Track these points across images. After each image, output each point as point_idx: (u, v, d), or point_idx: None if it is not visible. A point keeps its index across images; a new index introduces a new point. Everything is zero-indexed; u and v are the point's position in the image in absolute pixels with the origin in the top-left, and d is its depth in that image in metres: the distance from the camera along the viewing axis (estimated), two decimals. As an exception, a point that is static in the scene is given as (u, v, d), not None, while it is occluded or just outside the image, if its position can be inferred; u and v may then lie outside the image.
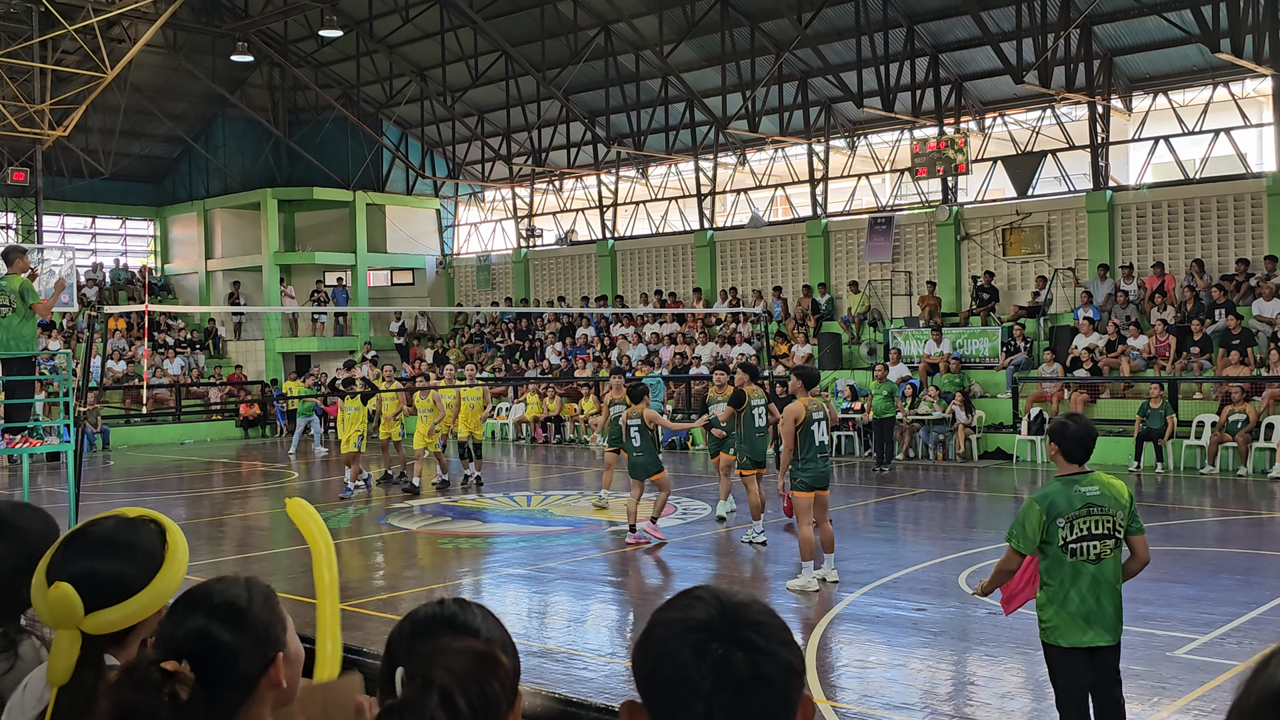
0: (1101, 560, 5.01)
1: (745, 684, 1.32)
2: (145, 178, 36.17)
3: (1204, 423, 18.24)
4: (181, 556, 1.99)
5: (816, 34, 24.04)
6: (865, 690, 7.17)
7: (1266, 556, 11.29)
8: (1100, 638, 5.00)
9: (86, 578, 1.88)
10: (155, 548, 1.97)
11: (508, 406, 27.21)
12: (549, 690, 2.22)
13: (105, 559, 1.92)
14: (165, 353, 30.52)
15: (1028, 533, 5.05)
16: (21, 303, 11.20)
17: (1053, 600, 5.03)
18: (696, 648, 1.34)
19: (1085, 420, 5.27)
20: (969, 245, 24.66)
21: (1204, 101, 22.18)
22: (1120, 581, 5.07)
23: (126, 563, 1.93)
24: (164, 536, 1.99)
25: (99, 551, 1.94)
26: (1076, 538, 4.99)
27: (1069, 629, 5.00)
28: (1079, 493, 5.01)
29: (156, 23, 27.19)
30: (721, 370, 14.20)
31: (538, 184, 33.41)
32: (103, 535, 1.97)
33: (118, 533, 1.97)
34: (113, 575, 1.91)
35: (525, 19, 27.84)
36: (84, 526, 2.01)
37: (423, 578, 11.17)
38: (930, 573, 10.65)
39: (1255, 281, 20.18)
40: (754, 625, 1.36)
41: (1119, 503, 5.04)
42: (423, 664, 1.51)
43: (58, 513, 12.66)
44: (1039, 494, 5.11)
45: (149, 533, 1.99)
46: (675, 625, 1.37)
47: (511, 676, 1.57)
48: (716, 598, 1.39)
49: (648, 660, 1.37)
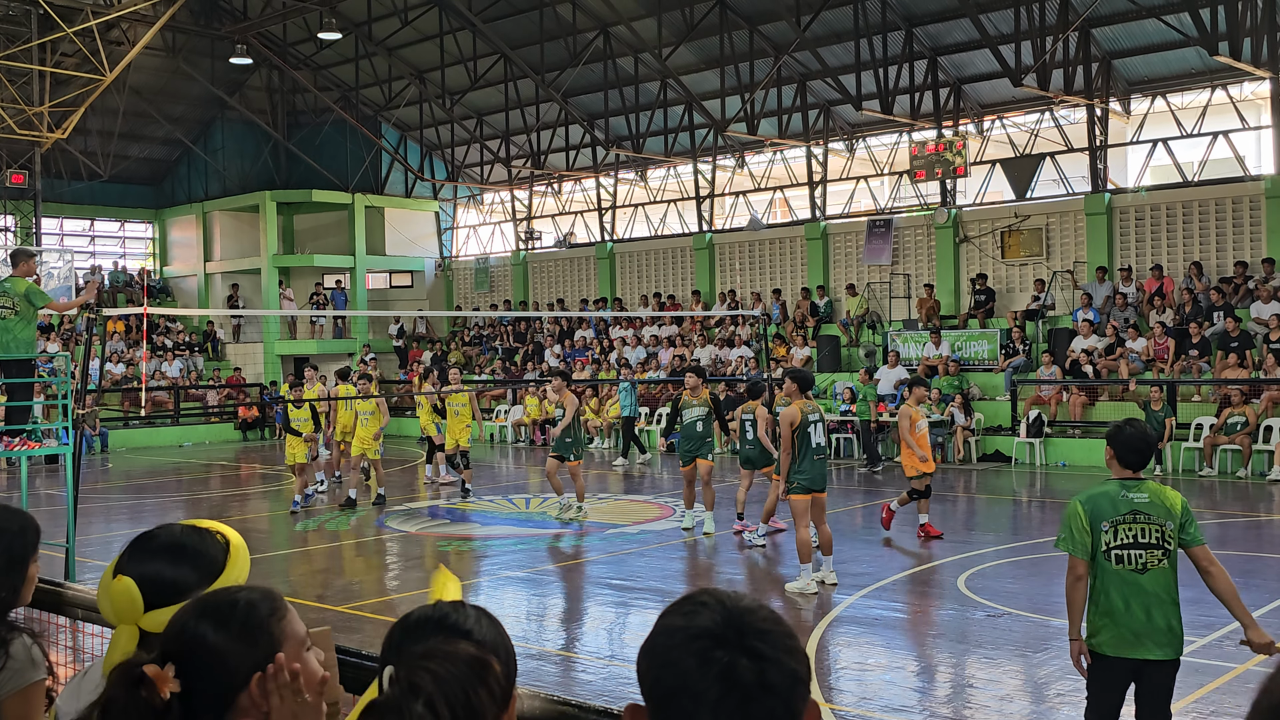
0: (1148, 571, 4.78)
1: (751, 692, 1.30)
2: (144, 180, 36.16)
3: (1202, 425, 18.24)
4: (242, 566, 2.08)
5: (815, 37, 24.05)
6: (864, 693, 7.17)
7: (1265, 559, 11.29)
8: (1149, 652, 4.76)
9: (150, 577, 1.98)
10: (218, 555, 2.06)
11: (506, 409, 27.21)
12: (547, 693, 2.22)
13: (170, 562, 2.02)
14: (164, 355, 30.50)
15: (1075, 535, 4.82)
16: (26, 305, 11.21)
17: (1098, 607, 4.83)
18: (701, 656, 1.32)
19: (1143, 426, 5.06)
20: (968, 248, 24.67)
21: (1202, 104, 22.20)
22: (1175, 595, 4.81)
23: (190, 567, 2.02)
24: (228, 547, 2.09)
25: (165, 554, 2.03)
26: (1120, 544, 4.78)
27: (1112, 638, 4.80)
28: (1126, 498, 4.82)
29: (155, 25, 27.20)
30: (694, 374, 13.34)
31: (536, 186, 33.42)
32: (170, 539, 2.07)
33: (184, 537, 2.07)
34: (175, 577, 2.00)
35: (524, 22, 27.86)
36: (154, 530, 2.11)
37: (421, 580, 11.16)
38: (929, 575, 10.65)
39: (1253, 284, 20.19)
40: (760, 633, 1.34)
41: (1169, 513, 4.82)
42: (411, 667, 1.49)
43: (56, 515, 12.57)
44: (1083, 495, 4.91)
45: (214, 541, 2.08)
46: (680, 633, 1.36)
47: (503, 682, 1.55)
48: (721, 603, 1.37)
49: (652, 667, 1.36)
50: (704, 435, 12.95)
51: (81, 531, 11.68)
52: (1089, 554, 4.82)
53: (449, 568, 1.90)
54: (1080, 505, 4.86)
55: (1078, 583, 4.86)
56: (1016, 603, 9.40)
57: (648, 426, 24.67)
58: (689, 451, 12.94)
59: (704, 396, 13.05)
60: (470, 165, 33.92)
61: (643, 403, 25.45)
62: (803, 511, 9.94)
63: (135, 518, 15.69)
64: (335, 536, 13.76)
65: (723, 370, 25.03)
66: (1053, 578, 10.90)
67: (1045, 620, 8.86)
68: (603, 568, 11.38)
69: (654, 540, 12.86)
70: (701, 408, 13.01)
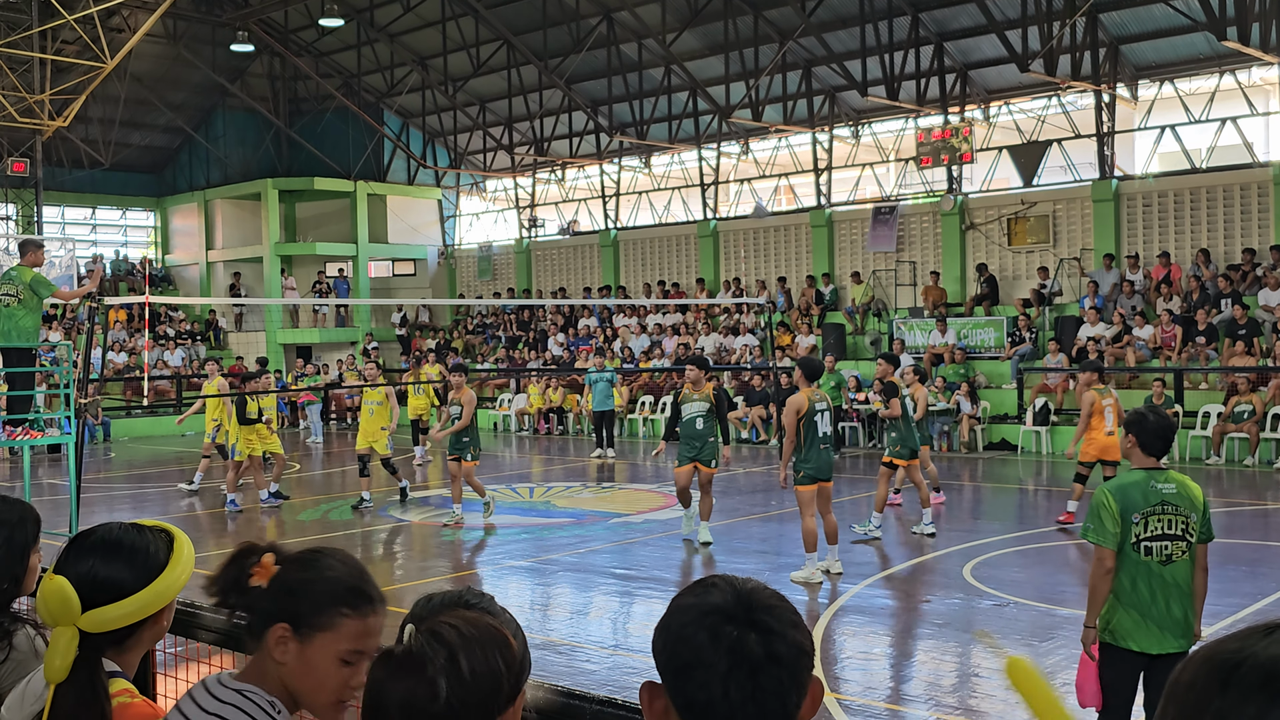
0: (1172, 562, 4.72)
1: (759, 664, 1.39)
2: (145, 168, 36.08)
3: (1210, 413, 18.15)
4: (186, 564, 2.03)
5: (820, 22, 23.90)
6: (869, 682, 7.10)
7: (1273, 547, 11.22)
8: (1167, 644, 4.71)
9: (86, 576, 1.93)
10: (159, 553, 2.01)
11: (509, 398, 27.17)
12: (551, 683, 2.16)
13: (107, 559, 1.96)
14: (166, 344, 30.46)
15: (1106, 526, 4.71)
16: (30, 294, 11.21)
17: (1120, 599, 4.75)
18: (712, 631, 1.41)
19: (1165, 413, 4.96)
20: (974, 235, 24.55)
21: (1210, 90, 22.04)
22: (1190, 586, 4.79)
23: (128, 564, 1.97)
24: (171, 544, 2.03)
25: (99, 551, 1.98)
26: (1150, 536, 4.70)
27: (1132, 630, 4.72)
28: (1155, 488, 4.73)
29: (156, 12, 27.07)
30: (695, 365, 11.88)
31: (540, 174, 33.30)
32: (105, 536, 2.01)
33: (121, 535, 2.02)
34: (113, 575, 1.95)
35: (527, 7, 27.71)
36: (93, 528, 2.05)
37: (424, 570, 11.11)
38: (935, 564, 10.58)
39: (1261, 271, 20.06)
40: (766, 609, 1.43)
41: (1194, 504, 4.77)
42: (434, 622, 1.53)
43: (59, 505, 12.54)
44: (1112, 485, 4.80)
45: (156, 539, 2.03)
46: (692, 610, 1.44)
47: (517, 664, 1.56)
48: (730, 584, 1.47)
49: (667, 643, 1.44)
50: (705, 434, 11.54)
51: (84, 521, 11.63)
52: (1119, 545, 4.72)
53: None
54: (1110, 496, 4.74)
55: (1106, 575, 4.75)
56: (1023, 592, 9.33)
57: (653, 415, 24.59)
58: (687, 454, 11.56)
59: (706, 391, 11.62)
60: (473, 152, 33.80)
61: (647, 391, 25.39)
62: (809, 501, 9.88)
63: (138, 507, 15.65)
64: (334, 526, 13.71)
65: (727, 359, 24.94)
66: (1059, 567, 10.84)
67: (1051, 609, 8.79)
68: (607, 557, 11.32)
69: (658, 529, 12.79)
70: (703, 403, 11.58)
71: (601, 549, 11.70)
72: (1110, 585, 4.76)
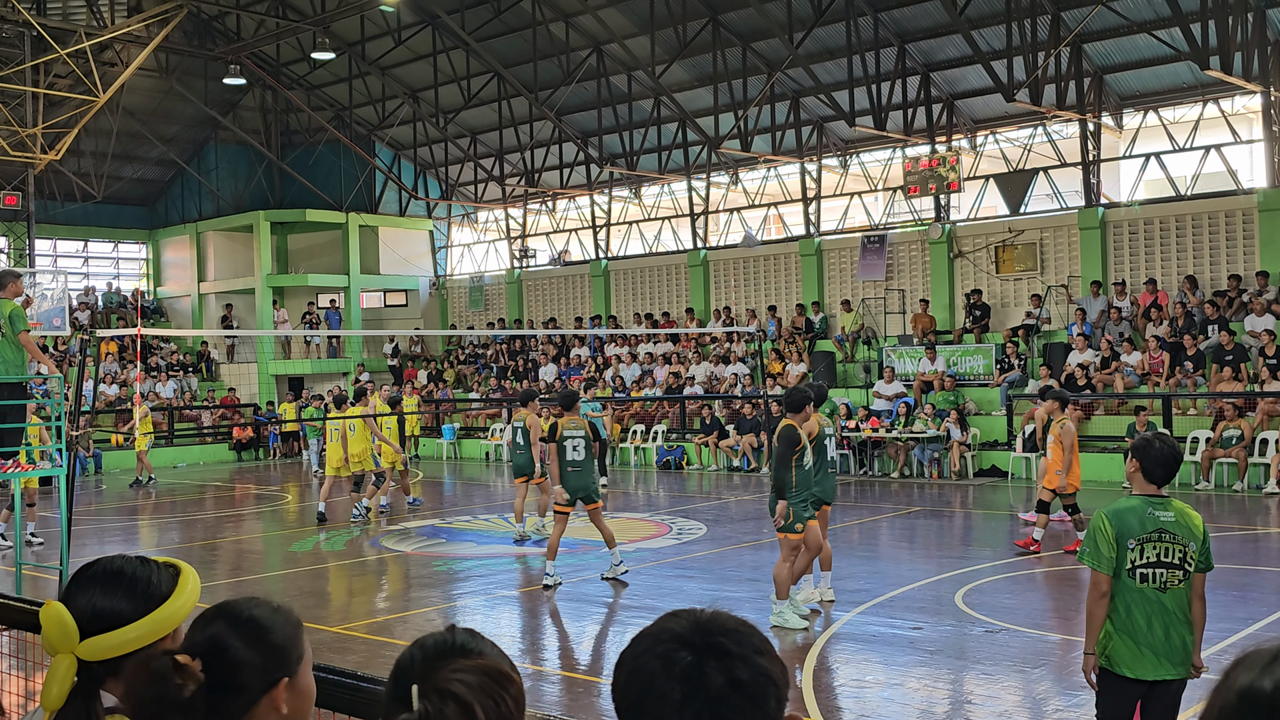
0: (1168, 590, 4.70)
1: (720, 693, 1.27)
2: (137, 201, 36.16)
3: (1198, 439, 18.24)
4: (190, 594, 2.02)
5: (808, 54, 24.14)
6: (862, 710, 7.12)
7: (1262, 572, 11.28)
8: (1163, 671, 4.70)
9: (86, 605, 1.93)
10: (162, 584, 2.00)
11: (501, 427, 27.15)
12: (544, 714, 2.20)
13: (105, 589, 1.96)
14: (158, 376, 30.43)
15: (1101, 550, 4.71)
16: (10, 328, 11.08)
17: (1115, 625, 4.73)
18: (665, 658, 1.31)
19: (1171, 440, 4.91)
20: (962, 263, 24.71)
21: (1194, 118, 22.29)
22: (1189, 615, 4.77)
23: (128, 594, 1.96)
24: (177, 576, 2.03)
25: (100, 581, 1.98)
26: (1146, 563, 4.69)
27: (1129, 658, 4.71)
28: (1152, 515, 4.71)
29: (149, 46, 27.25)
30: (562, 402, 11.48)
31: (531, 204, 33.45)
32: (107, 566, 2.01)
33: (125, 565, 2.01)
34: (112, 604, 1.94)
35: (517, 40, 27.94)
36: (99, 559, 2.05)
37: (418, 600, 11.10)
38: (926, 591, 10.61)
39: (1247, 297, 20.22)
40: (726, 632, 1.32)
41: (1193, 534, 4.74)
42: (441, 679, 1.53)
43: (50, 538, 12.43)
44: (1109, 509, 4.77)
45: (161, 571, 2.02)
46: (647, 639, 1.36)
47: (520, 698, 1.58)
48: (692, 614, 1.38)
49: (620, 677, 1.35)
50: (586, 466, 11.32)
51: (75, 553, 11.60)
52: (1114, 570, 4.72)
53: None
54: (1107, 520, 4.74)
55: (1101, 599, 4.75)
56: (1014, 618, 9.36)
57: (644, 444, 24.63)
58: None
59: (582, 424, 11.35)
60: (464, 184, 33.95)
61: (638, 420, 25.42)
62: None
63: (129, 540, 15.61)
64: (328, 557, 13.69)
65: (717, 387, 25.01)
66: (1050, 593, 10.87)
67: (1043, 635, 8.83)
68: (598, 586, 11.31)
69: (650, 558, 12.80)
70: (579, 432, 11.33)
71: (593, 578, 11.70)
72: (1106, 610, 4.75)
